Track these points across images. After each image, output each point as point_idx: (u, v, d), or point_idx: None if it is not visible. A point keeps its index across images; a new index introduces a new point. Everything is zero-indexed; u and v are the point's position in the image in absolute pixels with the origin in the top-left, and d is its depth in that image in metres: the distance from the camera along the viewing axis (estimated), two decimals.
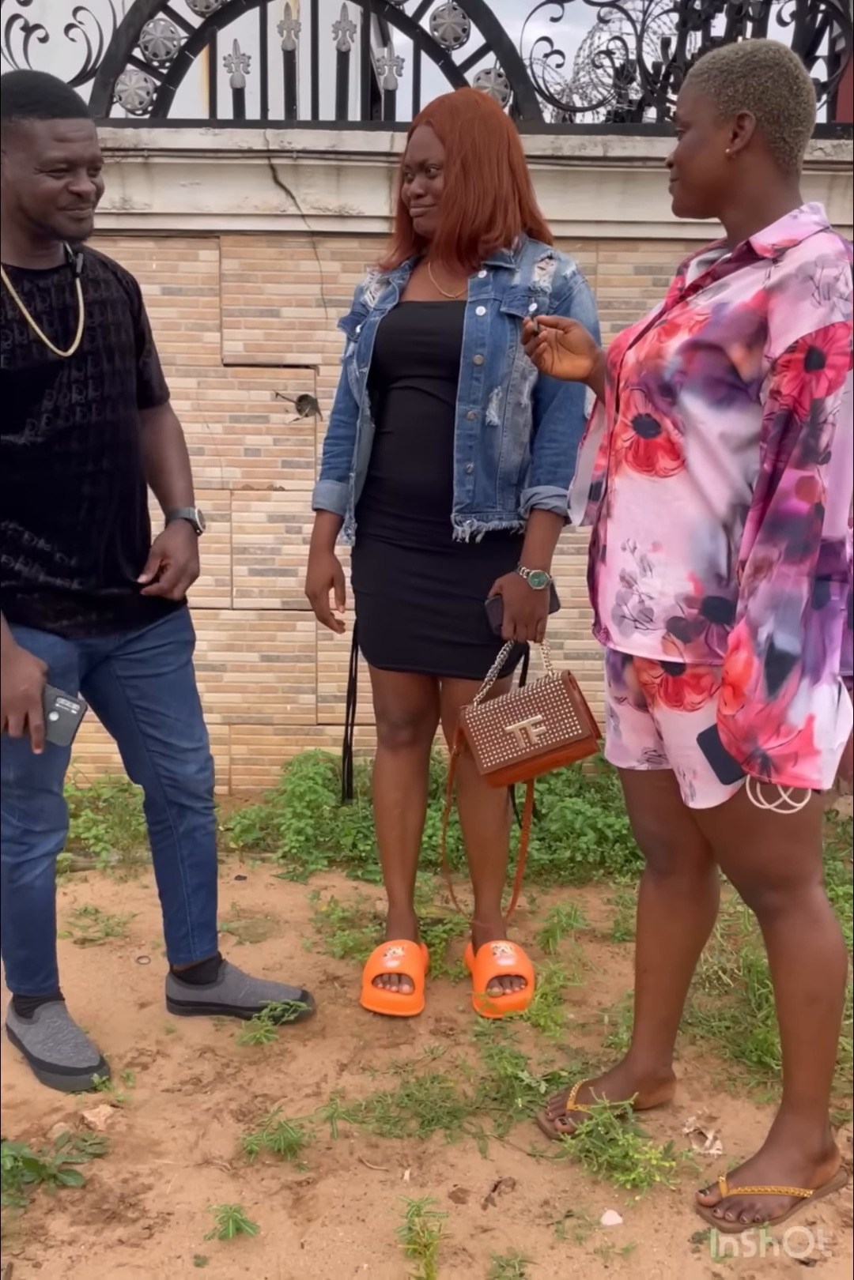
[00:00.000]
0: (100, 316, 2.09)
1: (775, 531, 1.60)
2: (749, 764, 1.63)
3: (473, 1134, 2.09)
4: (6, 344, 1.96)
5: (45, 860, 2.22)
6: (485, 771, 2.35)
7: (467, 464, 2.31)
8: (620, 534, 1.80)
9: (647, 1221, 1.88)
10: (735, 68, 1.68)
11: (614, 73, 5.45)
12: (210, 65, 3.72)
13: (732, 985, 2.56)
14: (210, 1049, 2.36)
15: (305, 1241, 1.83)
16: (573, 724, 2.28)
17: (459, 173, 2.25)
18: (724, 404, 1.67)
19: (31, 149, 1.87)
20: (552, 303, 2.30)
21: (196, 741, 2.35)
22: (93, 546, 2.11)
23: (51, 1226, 1.86)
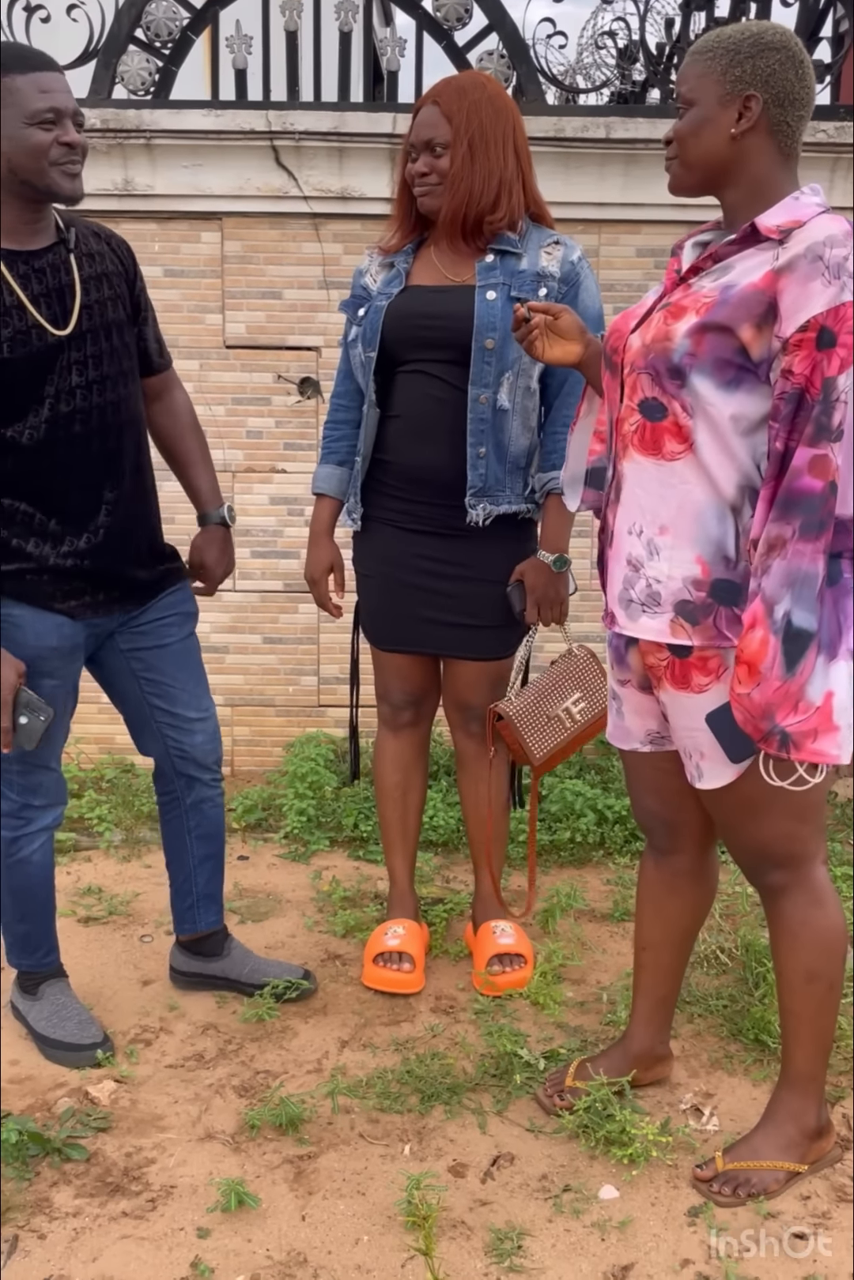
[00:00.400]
0: (96, 293, 2.09)
1: (789, 509, 1.61)
2: (767, 741, 1.64)
3: (472, 1110, 2.11)
4: (7, 331, 1.95)
5: (43, 835, 2.24)
6: (539, 761, 2.39)
7: (479, 448, 2.32)
8: (627, 518, 1.80)
9: (643, 1195, 1.90)
10: (743, 48, 1.68)
11: (617, 53, 5.44)
12: (212, 46, 3.71)
13: (730, 965, 2.58)
14: (213, 1026, 2.39)
15: (306, 1214, 1.86)
16: (605, 693, 2.30)
17: (466, 153, 2.25)
18: (733, 385, 1.67)
19: (17, 104, 1.87)
20: (560, 288, 2.31)
21: (203, 712, 2.36)
22: (101, 525, 2.12)
23: (56, 1199, 1.88)
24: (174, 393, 2.36)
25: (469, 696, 2.51)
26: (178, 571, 2.33)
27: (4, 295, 1.95)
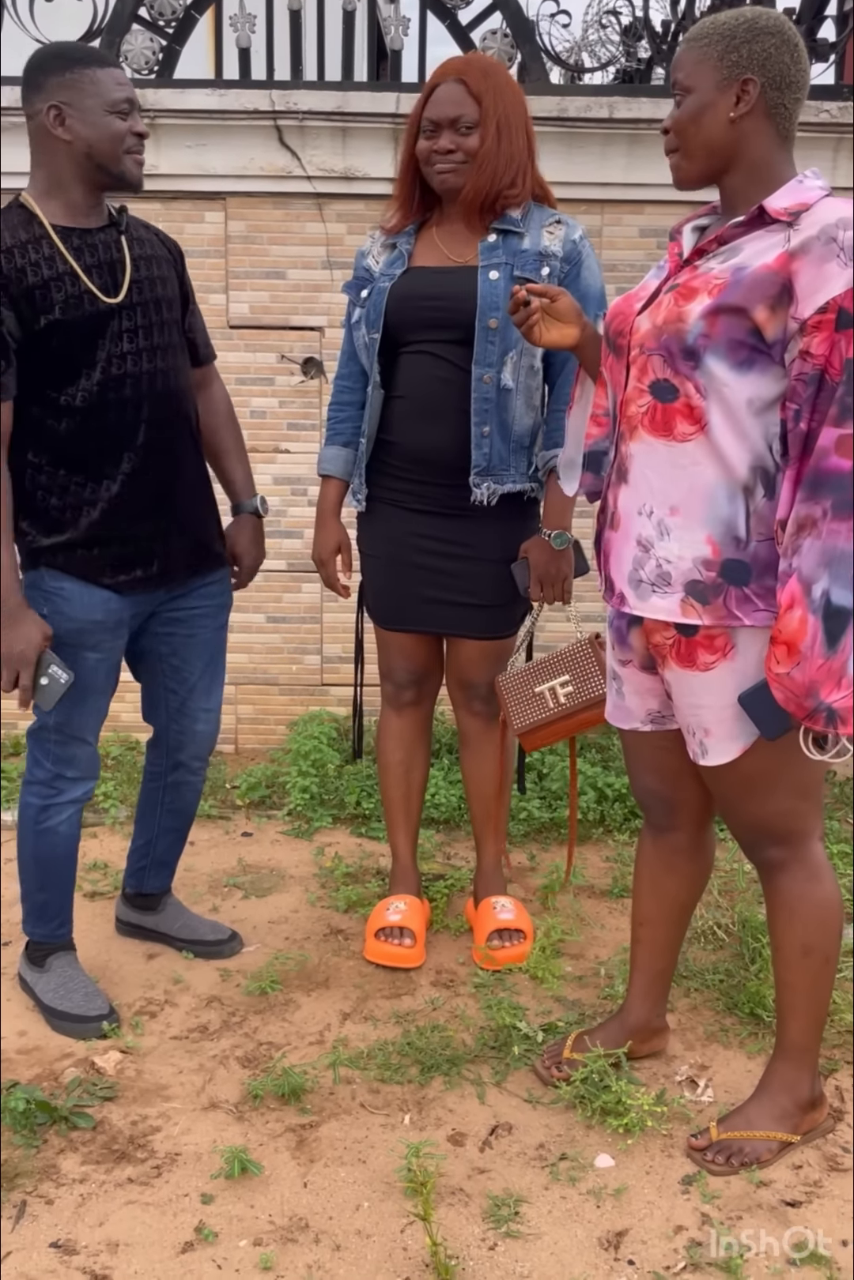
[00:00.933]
0: (146, 270, 2.17)
1: (818, 490, 1.62)
2: (813, 719, 1.65)
3: (471, 1081, 2.15)
4: (60, 295, 2.03)
5: (72, 807, 2.28)
6: (517, 732, 2.43)
7: (483, 427, 2.33)
8: (636, 499, 1.82)
9: (638, 1164, 1.94)
10: (738, 33, 1.69)
11: (622, 31, 5.41)
12: (216, 25, 3.71)
13: (726, 940, 2.62)
14: (217, 998, 2.42)
15: (308, 1181, 1.90)
16: (598, 683, 2.33)
17: (495, 133, 2.27)
18: (746, 366, 1.69)
19: (100, 94, 2.01)
20: (563, 266, 2.32)
21: (213, 704, 2.45)
22: (147, 493, 2.18)
23: (63, 1166, 1.92)
24: (214, 386, 2.45)
25: (472, 675, 2.54)
26: (221, 556, 2.40)
27: (57, 263, 2.04)
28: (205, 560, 2.33)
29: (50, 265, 2.03)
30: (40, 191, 2.08)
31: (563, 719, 2.39)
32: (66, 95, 2.00)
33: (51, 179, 2.07)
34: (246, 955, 2.60)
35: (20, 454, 2.10)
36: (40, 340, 2.03)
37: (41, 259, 2.03)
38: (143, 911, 2.61)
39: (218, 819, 3.38)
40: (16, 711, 3.84)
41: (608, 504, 1.90)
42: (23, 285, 2.00)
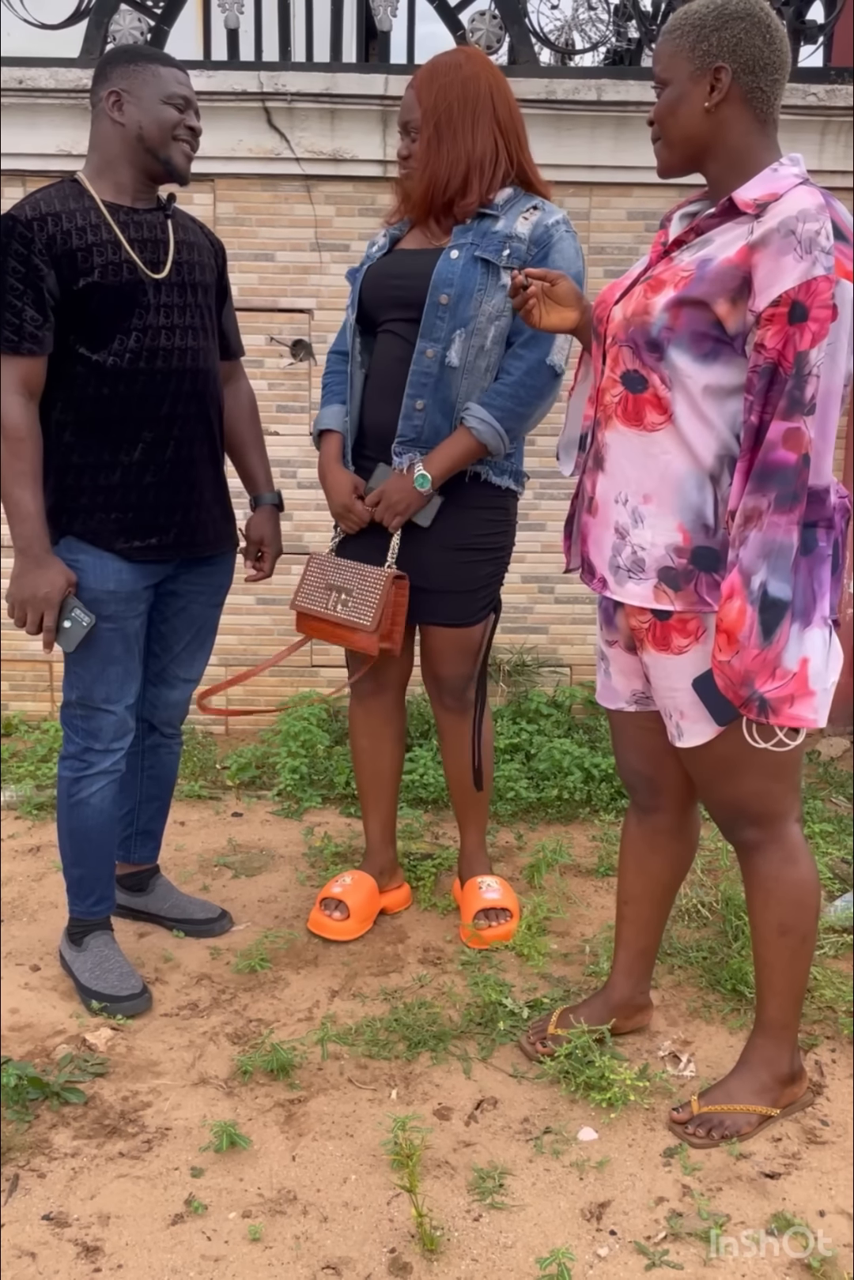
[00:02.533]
0: (187, 255, 2.26)
1: (764, 482, 1.65)
2: (747, 707, 1.69)
3: (457, 1056, 2.18)
4: (101, 259, 2.11)
5: (103, 779, 2.31)
6: (293, 606, 2.53)
7: (417, 400, 2.34)
8: (613, 487, 1.85)
9: (621, 1137, 1.97)
10: (708, 21, 1.71)
11: (612, 11, 5.40)
12: (204, 5, 3.71)
13: (710, 918, 2.65)
14: (207, 976, 2.45)
15: (296, 1155, 1.93)
16: (367, 614, 2.36)
17: (432, 136, 2.28)
18: (710, 358, 1.71)
19: (158, 85, 2.14)
20: (529, 249, 2.30)
21: (193, 675, 2.52)
22: (167, 464, 2.24)
23: (55, 1140, 1.95)
24: (240, 380, 2.53)
25: (439, 668, 2.54)
26: (232, 536, 2.46)
27: (102, 231, 2.13)
28: (216, 538, 2.39)
29: (95, 232, 2.12)
30: (93, 171, 2.19)
31: (329, 624, 2.45)
32: (127, 83, 2.13)
33: (104, 160, 2.18)
34: (236, 934, 2.63)
35: (49, 411, 2.16)
36: (78, 300, 2.11)
37: (88, 225, 2.12)
38: (132, 893, 2.64)
39: (208, 799, 3.40)
40: (9, 692, 3.87)
41: (584, 489, 1.93)
42: (67, 247, 2.08)
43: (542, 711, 3.67)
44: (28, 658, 3.83)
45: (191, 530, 2.31)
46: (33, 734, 3.73)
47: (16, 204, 2.10)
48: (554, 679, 3.89)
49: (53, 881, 2.84)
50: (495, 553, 2.50)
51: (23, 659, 3.84)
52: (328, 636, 2.48)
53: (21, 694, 3.88)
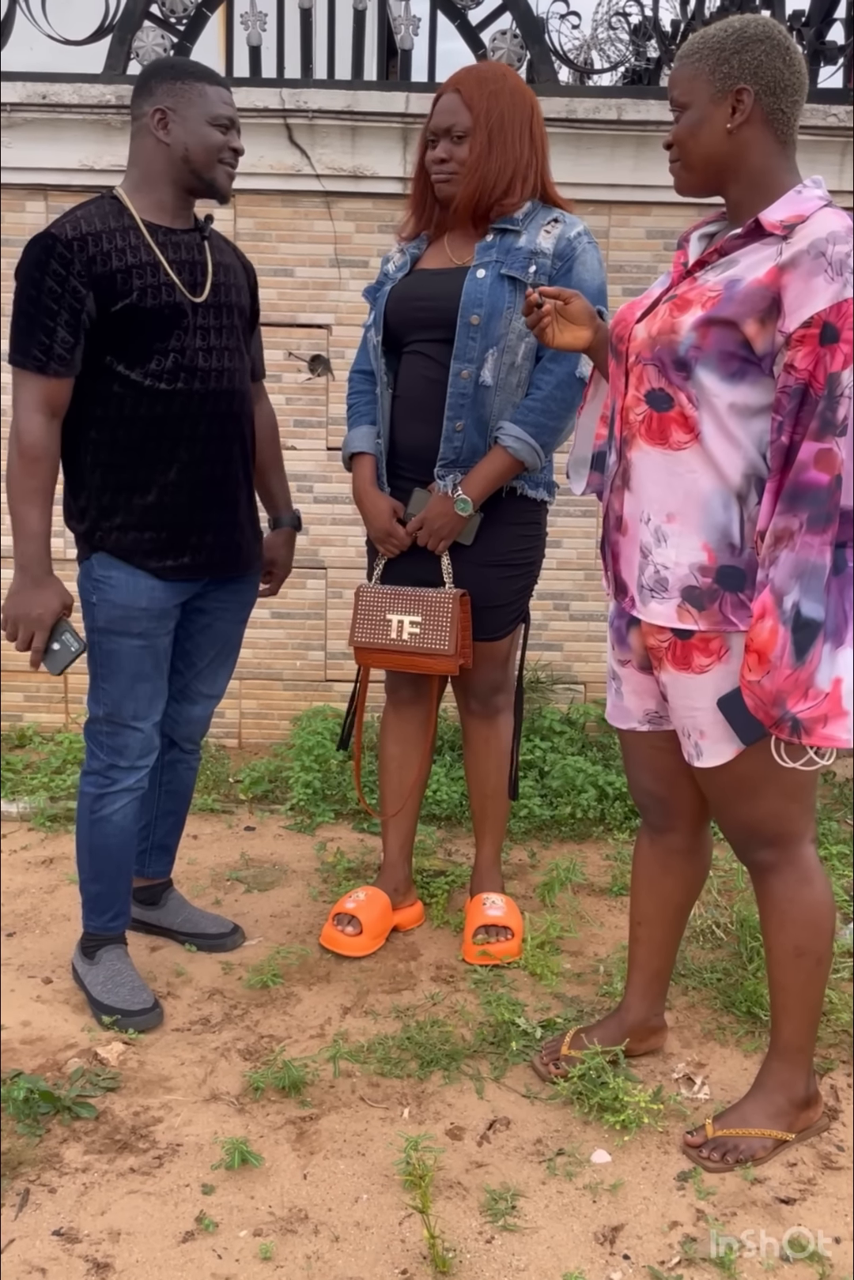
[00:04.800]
0: (224, 277, 2.27)
1: (796, 502, 1.65)
2: (779, 727, 1.68)
3: (470, 1076, 2.17)
4: (139, 282, 2.12)
5: (126, 796, 2.31)
6: (352, 644, 2.49)
7: (457, 422, 2.35)
8: (638, 506, 1.84)
9: (635, 1160, 1.96)
10: (728, 45, 1.71)
11: (631, 30, 5.42)
12: (227, 23, 3.72)
13: (724, 939, 2.64)
14: (218, 991, 2.45)
15: (308, 1173, 1.92)
16: (444, 637, 2.36)
17: (484, 141, 2.29)
18: (737, 377, 1.71)
19: (204, 105, 2.13)
20: (554, 263, 2.32)
21: (215, 691, 2.52)
22: (201, 484, 2.24)
23: (66, 1155, 1.94)
24: (263, 402, 2.55)
25: (466, 675, 2.55)
26: (261, 555, 2.47)
27: (142, 253, 2.14)
28: (245, 558, 2.39)
29: (135, 254, 2.12)
30: (132, 187, 2.19)
31: (399, 654, 2.44)
32: (172, 102, 2.12)
33: (144, 177, 2.18)
34: (248, 949, 2.63)
35: (84, 431, 2.17)
36: (116, 321, 2.11)
37: (128, 246, 2.12)
38: (145, 906, 2.64)
39: (221, 813, 3.40)
40: (24, 703, 3.88)
41: (612, 508, 1.92)
42: (107, 268, 2.09)
43: (555, 729, 3.66)
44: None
45: (224, 550, 2.31)
46: (47, 745, 3.74)
47: (56, 222, 2.10)
48: (568, 696, 3.88)
49: (65, 894, 2.85)
50: (528, 567, 2.54)
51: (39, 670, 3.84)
52: (397, 665, 2.48)
53: (36, 705, 3.89)
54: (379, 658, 2.49)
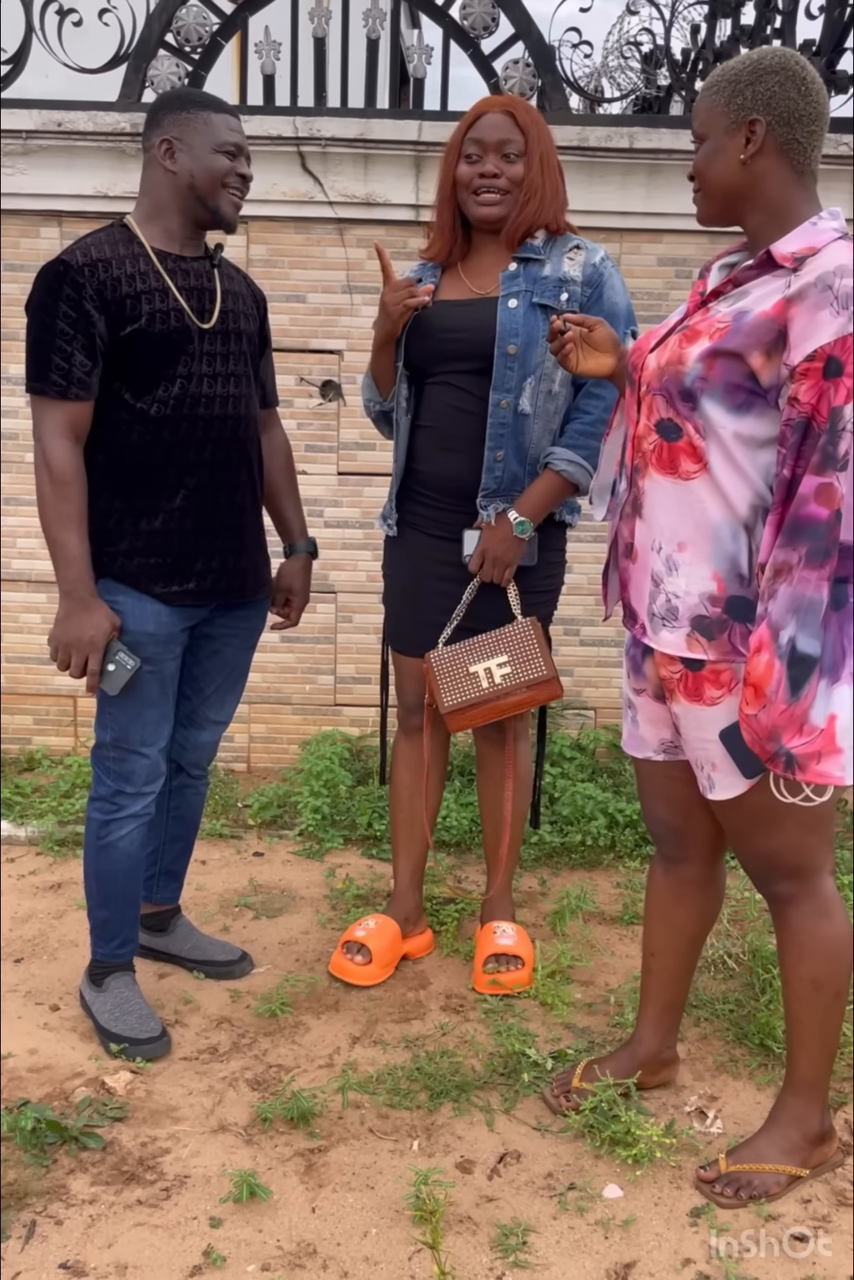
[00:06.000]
0: (233, 304, 2.28)
1: (795, 536, 1.64)
2: (773, 762, 1.68)
3: (480, 1107, 2.15)
4: (148, 307, 2.13)
5: (133, 823, 2.31)
6: (446, 710, 2.41)
7: (497, 451, 2.35)
8: (649, 534, 1.84)
9: (647, 1195, 1.93)
10: (742, 76, 1.72)
11: (642, 58, 5.45)
12: (241, 51, 3.75)
13: (736, 970, 2.61)
14: (226, 1019, 2.43)
15: (316, 1206, 1.90)
16: (538, 664, 2.34)
17: (539, 165, 2.32)
18: (743, 409, 1.71)
19: (210, 133, 2.14)
20: (584, 290, 2.35)
21: (222, 717, 2.50)
22: (207, 511, 2.24)
23: (73, 1186, 1.93)
24: (276, 429, 2.54)
25: None
26: (269, 581, 2.47)
27: (151, 279, 2.15)
28: (253, 585, 2.39)
29: (144, 280, 2.14)
30: (143, 216, 2.20)
31: (495, 700, 2.39)
32: (179, 131, 2.13)
33: (154, 206, 2.19)
34: (257, 976, 2.61)
35: (91, 455, 2.17)
36: (124, 346, 2.12)
37: (137, 273, 2.13)
38: (153, 933, 2.62)
39: (229, 838, 3.39)
40: (33, 727, 3.87)
41: (621, 536, 1.92)
42: (117, 294, 2.09)
43: (565, 754, 3.64)
44: (52, 692, 3.84)
45: (231, 576, 2.31)
46: (55, 769, 3.73)
47: (67, 249, 2.12)
48: (578, 721, 3.87)
49: (73, 919, 2.84)
50: (551, 593, 2.56)
51: (47, 693, 3.85)
52: (495, 714, 2.42)
53: (45, 729, 3.89)
54: (477, 714, 2.41)
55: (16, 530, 3.76)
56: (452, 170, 2.38)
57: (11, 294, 3.58)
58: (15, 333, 3.53)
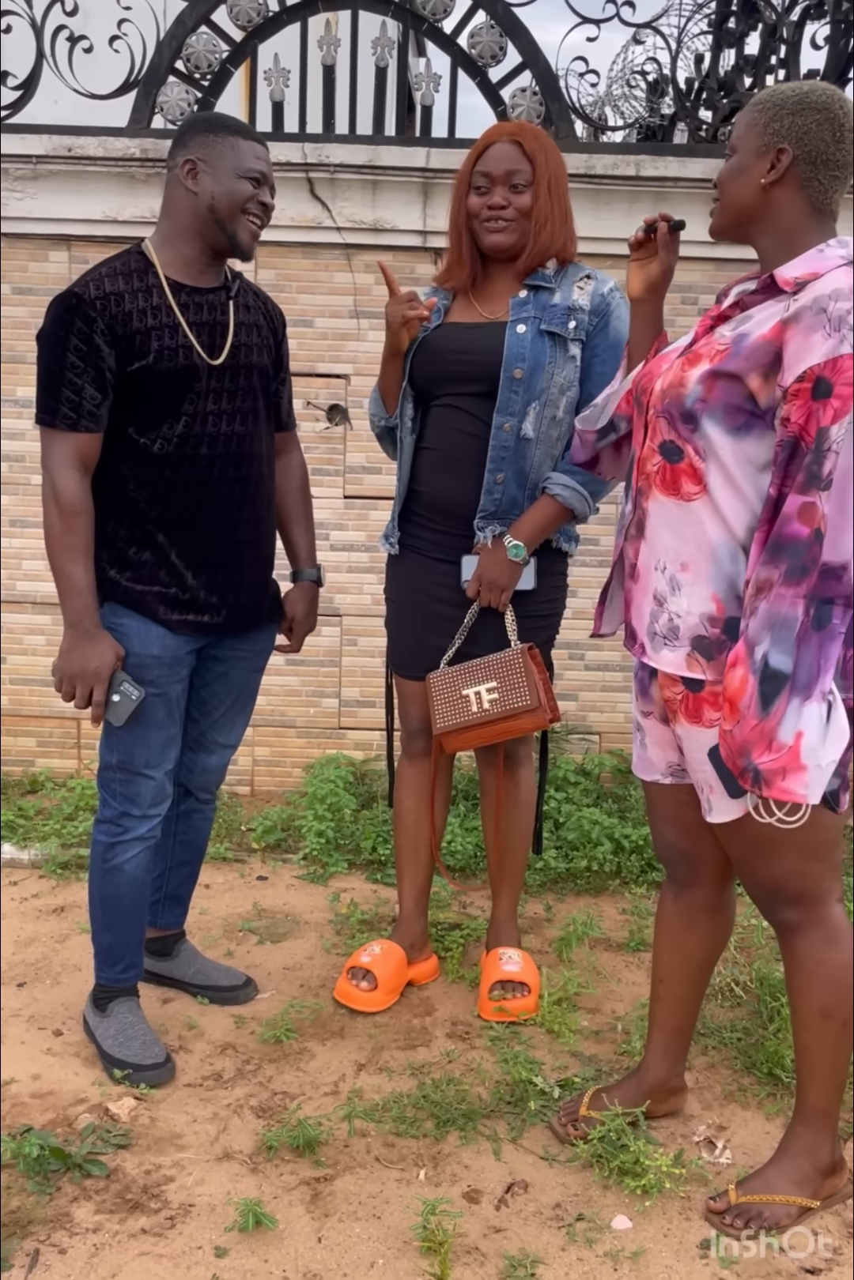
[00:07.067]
0: (246, 337, 2.25)
1: (777, 554, 1.65)
2: (743, 777, 1.69)
3: (487, 1136, 2.13)
4: (157, 344, 2.11)
5: (138, 845, 2.29)
6: (438, 732, 2.43)
7: (497, 474, 2.36)
8: (652, 555, 1.85)
9: (656, 1226, 1.92)
10: (786, 104, 1.74)
11: (647, 87, 5.49)
12: (250, 78, 3.78)
13: (744, 997, 2.60)
14: (231, 1045, 2.41)
15: (323, 1236, 1.88)
16: (523, 694, 2.34)
17: (546, 193, 2.33)
18: (743, 431, 1.72)
19: (235, 158, 2.12)
20: (591, 319, 2.36)
21: (231, 740, 2.49)
22: (212, 549, 2.23)
23: (76, 1214, 1.91)
24: (292, 454, 2.52)
25: None
26: (276, 611, 2.46)
27: (162, 315, 2.13)
28: (256, 618, 2.38)
29: (156, 315, 2.12)
30: (161, 240, 2.18)
31: (485, 725, 2.40)
32: (204, 153, 2.12)
33: (172, 230, 2.17)
34: (261, 1002, 2.60)
35: (98, 484, 2.16)
36: (131, 381, 2.11)
37: (149, 307, 2.11)
38: (157, 957, 2.61)
39: (233, 861, 3.38)
40: (36, 749, 3.86)
41: (626, 556, 1.93)
42: (128, 329, 2.08)
43: (570, 779, 3.63)
44: (56, 714, 3.83)
45: (231, 611, 2.29)
46: (59, 791, 3.72)
47: (80, 280, 2.10)
48: (583, 746, 3.86)
49: (77, 943, 2.82)
50: (552, 618, 2.55)
51: (51, 715, 3.84)
52: (485, 738, 2.43)
53: (48, 751, 3.88)
54: (467, 736, 2.43)
55: (22, 552, 3.77)
56: (462, 201, 2.40)
57: (19, 317, 3.59)
58: (22, 355, 3.54)
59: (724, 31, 4.32)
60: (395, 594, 2.59)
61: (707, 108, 4.69)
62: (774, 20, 3.89)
